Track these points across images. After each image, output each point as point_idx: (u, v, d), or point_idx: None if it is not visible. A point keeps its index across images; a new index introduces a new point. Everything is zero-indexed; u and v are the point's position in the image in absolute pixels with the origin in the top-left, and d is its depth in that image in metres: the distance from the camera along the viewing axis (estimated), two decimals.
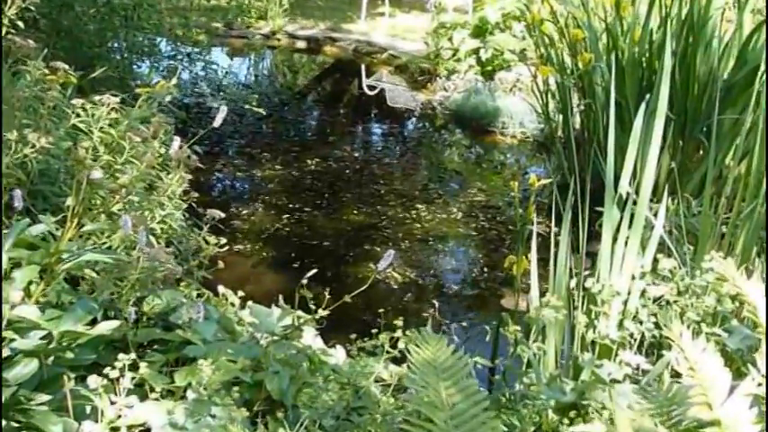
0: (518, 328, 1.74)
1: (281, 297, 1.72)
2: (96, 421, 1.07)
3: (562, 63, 3.95)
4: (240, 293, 1.82)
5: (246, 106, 5.01)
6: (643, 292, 1.69)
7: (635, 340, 1.63)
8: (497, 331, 1.91)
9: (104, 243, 1.66)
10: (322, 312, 1.55)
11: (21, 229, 1.26)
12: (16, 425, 0.96)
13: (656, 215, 1.82)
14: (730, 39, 2.96)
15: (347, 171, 4.35)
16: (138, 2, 3.92)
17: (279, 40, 6.59)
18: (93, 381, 1.06)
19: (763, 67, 2.67)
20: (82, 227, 1.44)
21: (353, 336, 1.75)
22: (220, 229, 1.99)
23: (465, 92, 5.41)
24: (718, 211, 1.97)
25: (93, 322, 1.21)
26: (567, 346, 1.62)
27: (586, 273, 1.87)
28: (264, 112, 4.91)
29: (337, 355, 1.68)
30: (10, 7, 2.04)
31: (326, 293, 1.57)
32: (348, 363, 1.60)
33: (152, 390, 1.19)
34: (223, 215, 1.87)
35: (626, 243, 1.77)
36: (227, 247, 1.97)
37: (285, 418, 1.22)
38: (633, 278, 1.75)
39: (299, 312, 1.60)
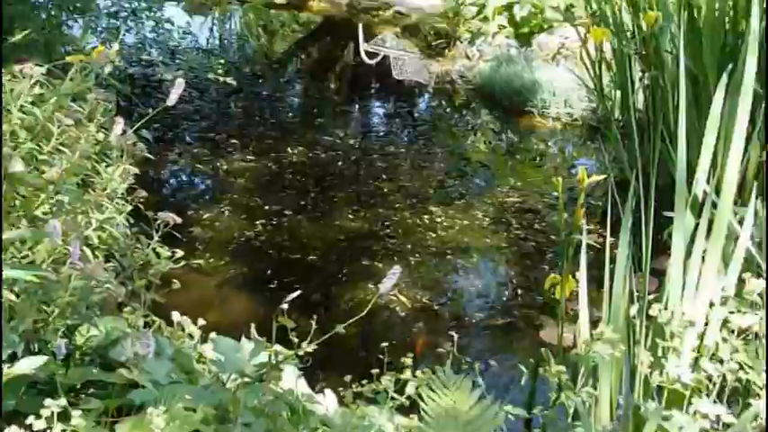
0: (562, 368, 1.74)
1: (253, 327, 1.72)
2: None
3: (620, 24, 3.88)
4: (201, 322, 1.83)
5: (210, 76, 5.07)
6: (725, 323, 1.68)
7: (714, 385, 1.61)
8: (535, 373, 1.91)
9: (26, 256, 1.65)
10: (307, 347, 1.56)
11: None
12: None
13: (741, 222, 1.81)
14: None
15: (340, 163, 4.37)
16: None
17: None
18: None
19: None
20: None
21: (348, 378, 1.76)
22: (176, 239, 1.99)
23: (494, 61, 5.38)
24: None
25: (13, 359, 1.21)
26: (625, 392, 1.61)
27: (651, 297, 1.87)
28: (233, 86, 4.95)
29: (327, 403, 1.68)
30: None
31: (313, 322, 1.58)
32: (341, 412, 1.60)
33: None
34: (179, 220, 1.87)
35: (703, 258, 1.76)
36: (184, 262, 1.98)
37: None
38: (712, 305, 1.73)
39: (278, 347, 1.60)
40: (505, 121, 5.22)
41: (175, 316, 1.83)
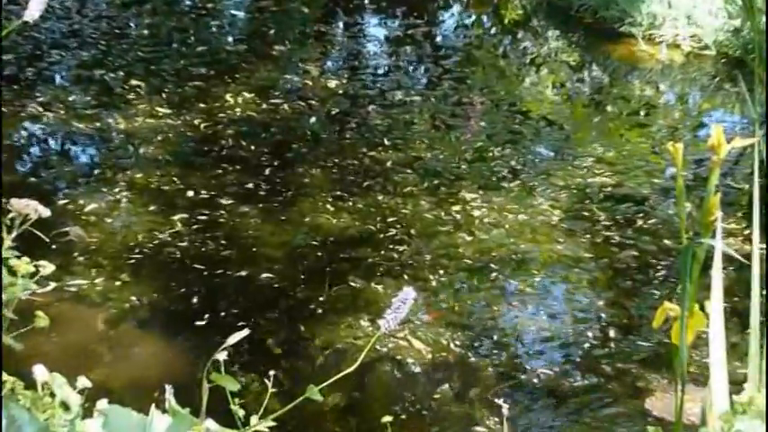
0: None
1: (169, 390, 1.70)
2: None
3: None
4: (84, 382, 1.81)
5: None
6: None
7: None
8: None
9: None
10: (260, 425, 1.55)
11: None
12: None
13: None
14: None
15: (313, 120, 4.43)
16: None
17: None
18: None
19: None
20: None
21: None
22: (42, 245, 1.98)
23: None
24: None
25: None
26: None
27: None
28: None
29: None
30: None
31: (269, 382, 1.60)
32: None
33: None
34: (46, 213, 1.86)
35: None
36: (55, 283, 1.97)
37: None
38: None
39: (211, 424, 1.60)
40: (589, 50, 5.23)
41: (40, 372, 1.82)
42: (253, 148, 4.13)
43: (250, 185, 3.85)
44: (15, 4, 1.70)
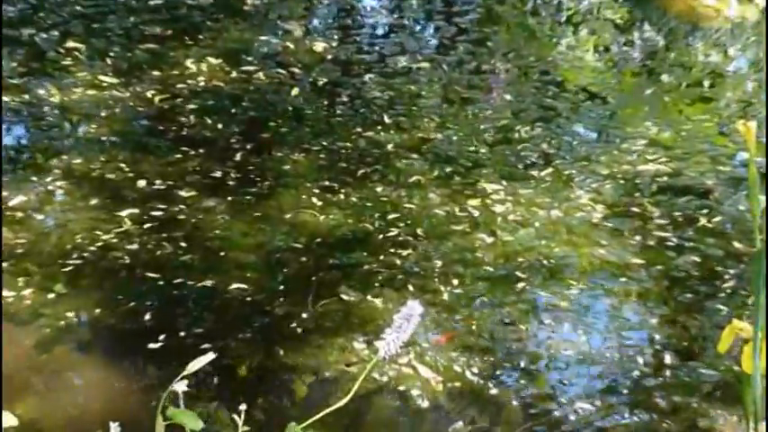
0: None
1: (115, 428, 1.71)
2: None
3: None
4: (9, 418, 1.81)
5: None
6: None
7: None
8: None
9: None
10: None
11: None
12: None
13: None
14: None
15: (295, 92, 4.46)
16: None
17: None
18: None
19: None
20: None
21: None
22: None
23: None
24: None
25: None
26: None
27: None
28: None
29: None
30: None
31: (239, 420, 1.60)
32: None
33: None
34: None
35: None
36: None
37: None
38: None
39: None
40: (639, 5, 5.21)
41: None
42: (220, 126, 4.14)
43: (217, 174, 3.86)
44: None
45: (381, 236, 3.61)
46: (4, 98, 4.18)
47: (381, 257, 3.50)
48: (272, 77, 4.48)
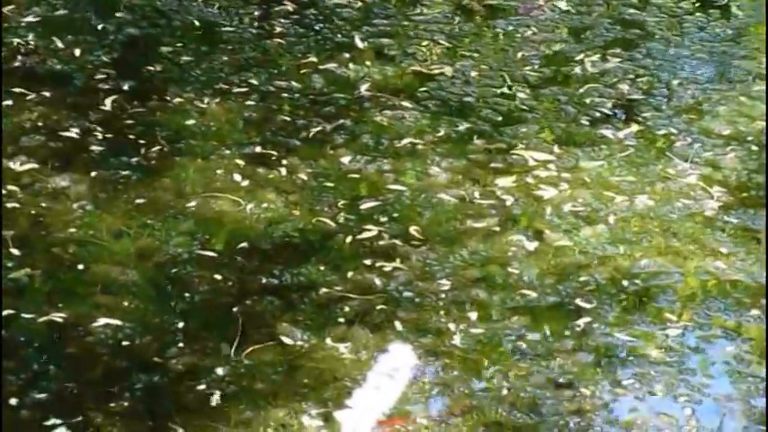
0: None
1: None
2: None
3: None
4: None
5: None
6: None
7: None
8: None
9: None
10: None
11: None
12: None
13: None
14: None
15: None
16: None
17: None
18: None
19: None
20: None
21: None
22: None
23: None
24: None
25: None
26: None
27: None
28: None
29: None
30: None
31: None
32: None
33: None
34: None
35: None
36: None
37: None
38: None
39: None
40: None
41: None
42: (77, 53, 4.17)
43: (72, 132, 3.90)
44: None
45: (350, 238, 3.65)
46: None
47: (350, 274, 3.54)
48: None
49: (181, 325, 3.38)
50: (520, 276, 3.56)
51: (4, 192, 3.66)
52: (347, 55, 4.23)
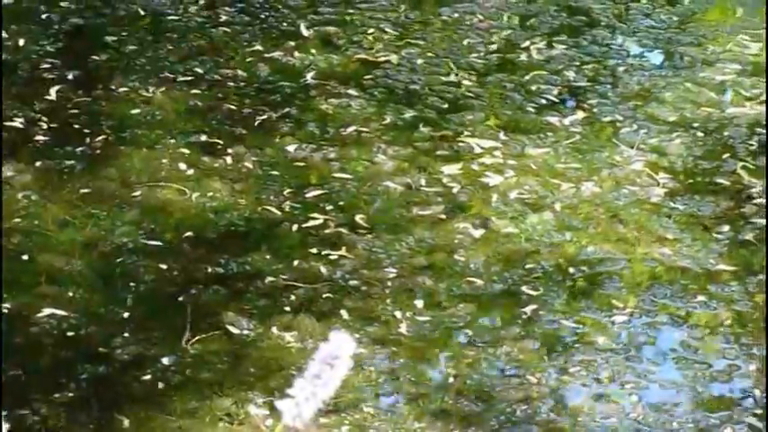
0: None
1: None
2: None
3: None
4: None
5: None
6: None
7: None
8: None
9: None
10: None
11: None
12: None
13: None
14: None
15: None
16: None
17: None
18: None
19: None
20: None
21: None
22: None
23: None
24: None
25: None
26: None
27: None
28: None
29: None
30: None
31: None
32: None
33: None
34: None
35: None
36: None
37: None
38: None
39: None
40: None
41: None
42: (21, 42, 4.13)
43: (16, 122, 3.88)
44: None
45: (296, 227, 3.65)
46: None
47: (296, 263, 3.54)
48: None
49: (126, 315, 3.38)
50: (466, 264, 3.56)
51: None
52: (293, 43, 4.24)
